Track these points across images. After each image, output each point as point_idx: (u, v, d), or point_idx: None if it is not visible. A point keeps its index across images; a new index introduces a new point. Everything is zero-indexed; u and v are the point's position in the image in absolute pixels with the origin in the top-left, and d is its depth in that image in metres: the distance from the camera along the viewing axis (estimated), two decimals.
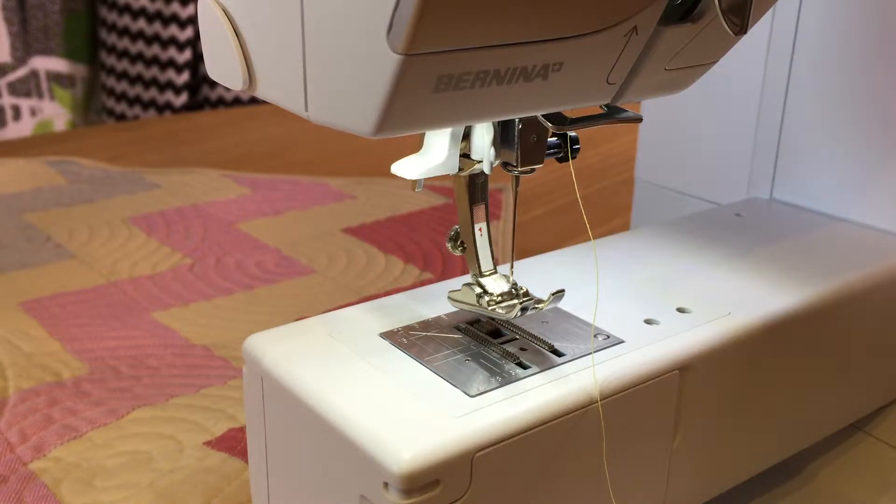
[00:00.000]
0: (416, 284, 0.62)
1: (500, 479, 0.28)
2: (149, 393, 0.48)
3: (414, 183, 0.33)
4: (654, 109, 0.56)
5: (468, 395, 0.29)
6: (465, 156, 0.32)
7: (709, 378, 0.34)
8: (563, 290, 0.31)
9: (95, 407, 0.46)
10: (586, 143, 0.35)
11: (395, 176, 0.32)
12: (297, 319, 0.36)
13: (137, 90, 1.39)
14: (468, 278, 0.33)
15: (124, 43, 1.37)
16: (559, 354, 0.32)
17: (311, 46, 0.25)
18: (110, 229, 0.72)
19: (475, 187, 0.33)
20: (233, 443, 0.43)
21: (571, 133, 0.32)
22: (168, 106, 1.38)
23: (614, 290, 0.37)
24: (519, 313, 0.32)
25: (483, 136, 0.31)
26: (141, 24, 1.36)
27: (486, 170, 0.32)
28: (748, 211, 0.47)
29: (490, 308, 0.32)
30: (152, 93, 1.38)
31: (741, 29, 0.27)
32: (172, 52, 1.36)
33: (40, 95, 1.36)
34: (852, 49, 0.44)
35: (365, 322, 0.34)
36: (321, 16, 0.24)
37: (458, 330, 0.34)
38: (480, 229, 0.33)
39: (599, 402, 0.30)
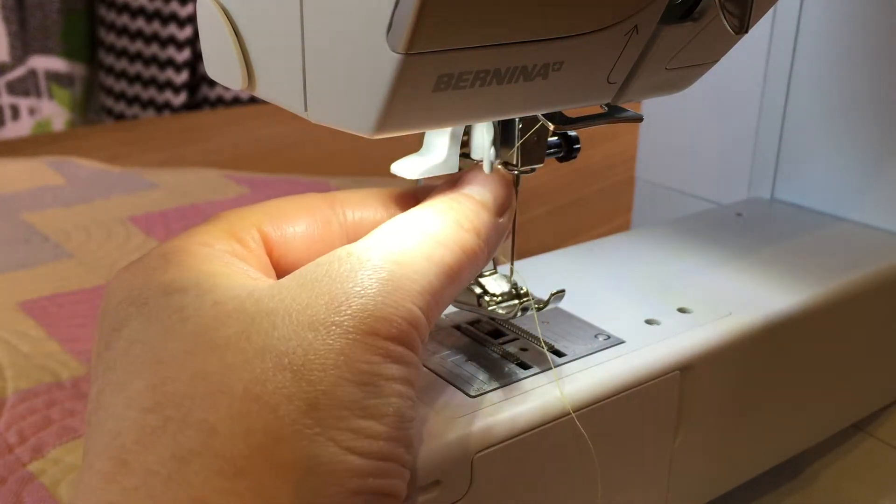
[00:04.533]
0: None
1: (501, 480, 0.28)
2: None
3: (414, 183, 0.33)
4: (655, 109, 0.56)
5: (468, 395, 0.29)
6: (465, 155, 0.32)
7: (710, 378, 0.33)
8: (563, 291, 0.31)
9: None
10: (587, 143, 0.35)
11: (395, 176, 0.32)
12: None
13: (136, 89, 1.39)
14: None
15: (123, 42, 1.37)
16: (560, 355, 0.32)
17: (310, 45, 0.25)
18: (109, 229, 0.71)
19: None
20: None
21: (572, 133, 0.32)
22: (167, 105, 1.38)
23: (614, 290, 0.37)
24: (519, 313, 0.31)
25: (483, 135, 0.31)
26: (140, 23, 1.36)
27: (487, 169, 0.32)
28: (749, 211, 0.47)
29: (490, 308, 0.32)
30: (151, 92, 1.38)
31: (742, 28, 0.27)
32: (171, 51, 1.36)
33: (39, 95, 1.36)
34: (854, 49, 0.44)
35: None
36: (321, 15, 0.24)
37: (458, 330, 0.33)
38: None
39: (574, 414, 0.29)
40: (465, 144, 0.32)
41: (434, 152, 0.31)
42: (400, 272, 0.24)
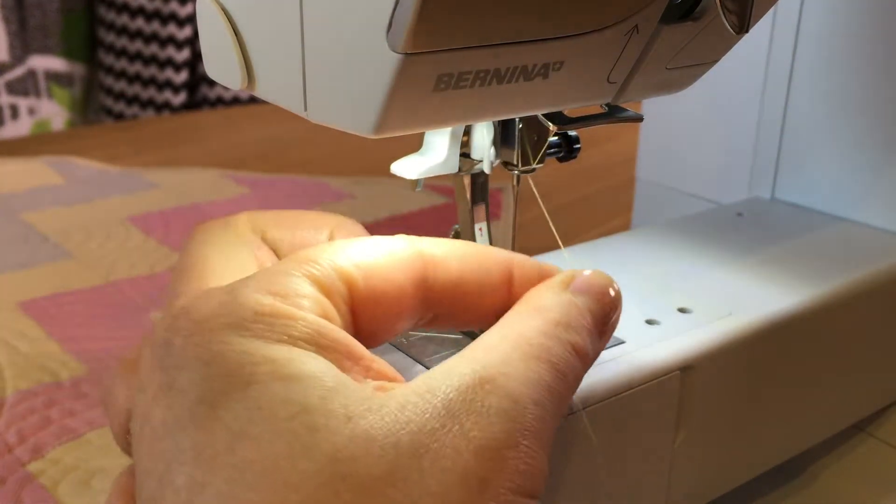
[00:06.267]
0: None
1: None
2: None
3: (414, 183, 0.33)
4: (655, 109, 0.56)
5: None
6: (465, 155, 0.32)
7: (710, 378, 0.33)
8: None
9: (94, 408, 0.46)
10: (587, 143, 0.35)
11: (394, 176, 0.32)
12: None
13: (136, 89, 1.39)
14: None
15: (123, 42, 1.37)
16: None
17: (310, 45, 0.25)
18: (109, 229, 0.71)
19: (475, 187, 0.32)
20: None
21: (572, 132, 0.32)
22: (167, 105, 1.38)
23: None
24: None
25: (483, 135, 0.31)
26: (139, 22, 1.36)
27: (487, 169, 0.32)
28: (749, 210, 0.47)
29: None
30: (151, 92, 1.38)
31: (742, 28, 0.27)
32: (171, 50, 1.36)
33: (38, 94, 1.36)
34: (854, 48, 0.44)
35: None
36: (320, 14, 0.24)
37: (459, 330, 0.33)
38: (481, 229, 0.33)
39: (583, 409, 0.29)
40: (465, 144, 0.32)
41: (434, 152, 0.31)
42: (540, 415, 0.23)
